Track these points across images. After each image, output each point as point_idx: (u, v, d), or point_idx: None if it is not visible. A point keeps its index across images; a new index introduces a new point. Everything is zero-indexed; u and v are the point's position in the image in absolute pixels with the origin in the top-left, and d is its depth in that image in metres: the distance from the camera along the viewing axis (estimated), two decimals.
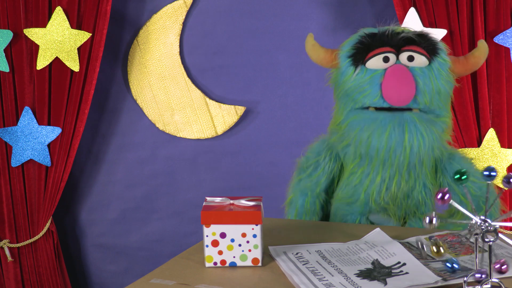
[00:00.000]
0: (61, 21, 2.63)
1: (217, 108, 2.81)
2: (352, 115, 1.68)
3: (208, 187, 2.88)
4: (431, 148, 1.63)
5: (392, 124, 1.60)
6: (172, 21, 2.79)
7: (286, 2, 2.76)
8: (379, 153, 1.62)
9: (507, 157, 2.50)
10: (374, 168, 1.68)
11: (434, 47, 1.68)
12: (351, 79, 1.67)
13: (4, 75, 2.71)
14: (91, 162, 2.93)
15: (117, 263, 2.98)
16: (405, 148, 1.60)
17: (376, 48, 1.66)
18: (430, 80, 1.63)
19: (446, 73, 1.67)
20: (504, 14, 2.48)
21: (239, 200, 1.41)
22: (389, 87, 1.61)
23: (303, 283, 1.24)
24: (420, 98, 1.63)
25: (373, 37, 1.68)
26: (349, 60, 1.69)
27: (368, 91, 1.64)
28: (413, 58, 1.64)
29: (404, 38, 1.66)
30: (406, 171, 1.66)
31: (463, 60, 1.72)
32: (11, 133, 2.72)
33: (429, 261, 1.33)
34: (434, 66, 1.65)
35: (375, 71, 1.65)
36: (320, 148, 1.82)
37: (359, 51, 1.68)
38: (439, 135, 1.66)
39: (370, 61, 1.66)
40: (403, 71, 1.62)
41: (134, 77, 2.84)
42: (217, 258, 1.35)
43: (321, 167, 1.80)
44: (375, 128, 1.62)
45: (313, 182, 1.81)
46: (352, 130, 1.67)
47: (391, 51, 1.65)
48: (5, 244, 2.79)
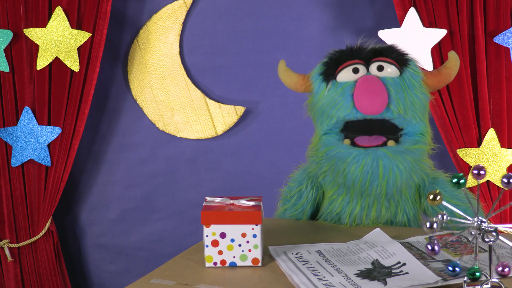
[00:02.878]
0: (61, 21, 2.63)
1: (217, 108, 2.81)
2: (328, 145, 1.67)
3: (208, 187, 2.88)
4: (409, 177, 1.62)
5: (365, 160, 1.59)
6: (172, 21, 2.79)
7: (286, 2, 2.76)
8: (355, 184, 1.62)
9: (507, 157, 2.50)
10: (353, 197, 1.68)
11: (403, 58, 1.67)
12: (324, 96, 1.68)
13: (4, 75, 2.71)
14: (91, 162, 2.93)
15: (117, 263, 2.98)
16: (381, 181, 1.59)
17: (345, 61, 1.67)
18: (403, 89, 1.62)
19: (419, 83, 1.65)
20: (504, 14, 2.48)
21: (239, 200, 1.41)
22: (361, 96, 1.61)
23: (303, 283, 1.24)
24: (393, 106, 1.61)
25: (342, 52, 1.69)
26: (320, 77, 1.70)
27: (340, 103, 1.64)
28: (383, 68, 1.64)
29: (373, 50, 1.66)
30: (385, 199, 1.66)
31: (435, 72, 1.71)
32: (11, 133, 2.71)
33: (429, 261, 1.33)
34: (405, 76, 1.64)
35: (346, 82, 1.65)
36: (301, 177, 1.82)
37: (329, 67, 1.69)
38: (416, 163, 1.63)
39: (340, 74, 1.66)
40: (374, 80, 1.62)
41: (134, 77, 2.84)
42: (217, 258, 1.35)
43: (304, 196, 1.80)
44: (350, 162, 1.61)
45: (298, 211, 1.80)
46: (328, 160, 1.66)
47: (361, 63, 1.66)
48: (5, 244, 2.79)
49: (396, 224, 1.70)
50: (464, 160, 2.51)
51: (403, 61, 1.66)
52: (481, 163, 2.49)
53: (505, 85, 2.50)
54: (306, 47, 2.75)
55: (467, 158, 2.50)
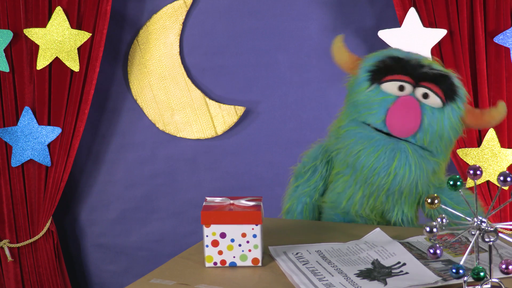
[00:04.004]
0: (61, 21, 2.63)
1: (217, 108, 2.81)
2: (353, 125, 1.67)
3: (208, 187, 2.88)
4: (415, 183, 1.62)
5: (384, 148, 1.59)
6: (172, 21, 2.79)
7: (286, 2, 2.76)
8: (363, 169, 1.62)
9: (507, 157, 2.50)
10: (356, 181, 1.68)
11: (453, 91, 1.63)
12: (363, 93, 1.66)
13: (4, 75, 2.71)
14: (91, 162, 2.93)
15: (117, 263, 2.98)
16: (389, 174, 1.60)
17: (396, 73, 1.63)
18: (437, 122, 1.60)
19: (456, 120, 1.63)
20: (504, 14, 2.48)
21: (239, 200, 1.41)
22: (394, 115, 1.60)
23: (303, 283, 1.24)
24: (420, 135, 1.60)
25: (397, 62, 1.65)
26: (367, 74, 1.67)
27: (374, 111, 1.62)
28: (428, 96, 1.61)
29: (426, 73, 1.62)
30: (385, 194, 1.66)
31: (479, 113, 1.68)
32: (11, 133, 2.71)
33: (429, 261, 1.33)
34: (446, 110, 1.61)
35: (388, 95, 1.62)
36: (317, 152, 1.82)
37: (379, 70, 1.66)
38: (427, 173, 1.63)
39: (386, 84, 1.63)
40: (413, 104, 1.60)
41: (134, 77, 2.84)
42: (217, 258, 1.35)
43: (318, 171, 1.80)
44: (367, 146, 1.61)
45: (311, 188, 1.80)
46: (347, 138, 1.67)
47: (409, 82, 1.62)
48: (5, 244, 2.79)
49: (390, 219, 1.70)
50: (464, 160, 2.51)
51: (451, 94, 1.62)
52: (481, 163, 2.49)
53: (505, 85, 2.50)
54: (306, 47, 2.75)
55: (467, 158, 2.50)
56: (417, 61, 1.65)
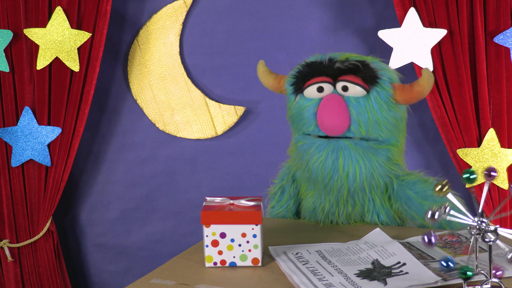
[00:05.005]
0: (61, 21, 2.63)
1: (217, 108, 2.81)
2: (298, 140, 1.70)
3: (208, 187, 2.88)
4: (370, 175, 1.62)
5: (326, 151, 1.60)
6: (172, 21, 2.79)
7: (286, 2, 2.76)
8: (318, 178, 1.63)
9: (507, 157, 2.49)
10: (320, 193, 1.69)
11: (372, 76, 1.63)
12: (293, 107, 1.70)
13: (4, 75, 2.71)
14: (91, 162, 2.93)
15: (117, 263, 2.98)
16: (341, 175, 1.60)
17: (312, 77, 1.65)
18: (366, 109, 1.60)
19: (386, 102, 1.62)
20: (504, 14, 2.47)
21: (239, 200, 1.41)
22: (323, 116, 1.61)
23: (303, 283, 1.24)
24: (354, 128, 1.60)
25: (310, 66, 1.68)
26: (290, 88, 1.71)
27: (305, 119, 1.65)
28: (347, 88, 1.62)
29: (340, 69, 1.63)
30: (349, 196, 1.66)
31: (408, 88, 1.66)
32: (11, 133, 2.71)
33: (429, 261, 1.33)
34: (371, 95, 1.62)
35: (311, 100, 1.65)
36: (283, 173, 1.85)
37: (298, 80, 1.69)
38: (380, 162, 1.63)
39: (307, 90, 1.66)
40: (337, 100, 1.61)
41: (134, 77, 2.84)
42: (217, 258, 1.36)
43: (287, 191, 1.82)
44: (313, 153, 1.63)
45: (283, 208, 1.82)
46: (297, 154, 1.69)
47: (328, 81, 1.64)
48: (5, 244, 2.79)
49: (369, 223, 1.70)
50: (464, 160, 2.51)
51: (371, 79, 1.62)
52: (481, 163, 2.49)
53: (505, 85, 2.50)
54: (306, 47, 2.75)
55: (467, 158, 2.50)
56: (330, 59, 1.66)
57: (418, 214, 1.66)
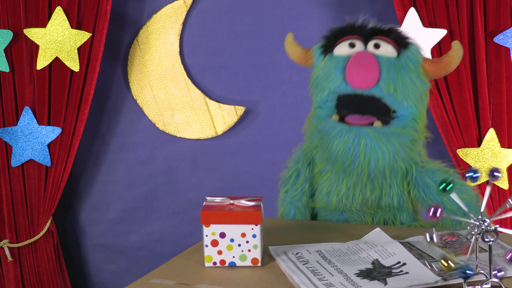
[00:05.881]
0: (61, 21, 2.63)
1: (217, 108, 2.81)
2: (319, 119, 1.69)
3: (208, 187, 2.88)
4: (393, 160, 1.61)
5: (347, 137, 1.60)
6: (172, 21, 2.79)
7: (286, 2, 2.76)
8: (338, 160, 1.63)
9: (507, 157, 2.49)
10: (338, 175, 1.68)
11: (404, 40, 1.65)
12: (320, 67, 1.69)
13: (4, 75, 2.71)
14: (91, 162, 2.93)
15: (117, 263, 2.98)
16: (362, 161, 1.60)
17: (344, 36, 1.68)
18: (396, 69, 1.61)
19: (415, 67, 1.63)
20: (504, 14, 2.47)
21: (239, 200, 1.41)
22: (352, 70, 1.61)
23: (303, 283, 1.24)
24: (383, 83, 1.60)
25: (342, 27, 1.71)
26: (320, 50, 1.72)
27: (332, 75, 1.65)
28: (380, 46, 1.63)
29: (373, 28, 1.66)
30: (369, 180, 1.65)
31: (436, 60, 1.68)
32: (11, 133, 2.71)
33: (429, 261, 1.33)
34: (402, 58, 1.63)
35: (341, 56, 1.66)
36: (298, 156, 1.83)
37: (329, 41, 1.70)
38: (403, 147, 1.62)
39: (337, 48, 1.67)
40: (368, 56, 1.62)
41: (134, 77, 2.84)
42: (216, 258, 1.35)
43: (302, 174, 1.81)
44: (333, 137, 1.62)
45: (298, 191, 1.81)
46: (316, 135, 1.69)
47: (359, 39, 1.66)
48: (5, 244, 2.79)
49: (385, 207, 1.69)
50: (464, 160, 2.51)
51: (403, 44, 1.64)
52: (481, 163, 2.49)
53: (505, 85, 2.50)
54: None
55: (467, 158, 2.50)
56: (362, 23, 1.69)
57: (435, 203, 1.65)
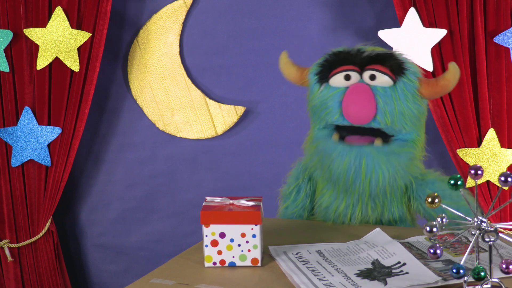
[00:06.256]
0: (61, 21, 2.63)
1: (217, 108, 2.81)
2: (318, 139, 1.68)
3: (208, 187, 2.88)
4: (393, 180, 1.61)
5: (348, 157, 1.59)
6: (172, 21, 2.79)
7: (286, 2, 2.76)
8: (339, 180, 1.62)
9: (507, 157, 2.49)
10: (339, 193, 1.68)
11: (400, 67, 1.62)
12: (316, 97, 1.68)
13: (4, 75, 2.71)
14: (91, 162, 2.93)
15: (117, 263, 2.98)
16: (363, 180, 1.59)
17: (339, 66, 1.65)
18: (393, 99, 1.60)
19: (412, 93, 1.62)
20: (504, 14, 2.47)
21: (239, 200, 1.41)
22: (349, 104, 1.60)
23: (303, 283, 1.24)
24: (380, 117, 1.59)
25: (338, 55, 1.67)
26: (315, 77, 1.69)
27: (330, 108, 1.63)
28: (375, 77, 1.61)
29: (368, 56, 1.63)
30: (370, 199, 1.65)
31: (433, 82, 1.66)
32: (11, 133, 2.71)
33: (429, 261, 1.33)
34: (398, 86, 1.61)
35: (337, 88, 1.63)
36: (298, 171, 1.82)
37: (324, 69, 1.67)
38: (403, 165, 1.62)
39: (333, 78, 1.65)
40: (364, 89, 1.60)
41: (134, 77, 2.84)
42: (216, 258, 1.35)
43: (302, 190, 1.80)
44: (334, 158, 1.61)
45: (299, 207, 1.81)
46: (316, 154, 1.68)
47: (354, 69, 1.63)
48: (5, 244, 2.79)
49: (382, 223, 1.69)
50: (464, 160, 2.51)
51: (399, 70, 1.62)
52: (481, 163, 2.49)
53: (505, 85, 2.50)
54: (306, 47, 2.75)
55: (467, 158, 2.50)
56: (358, 50, 1.66)
57: (437, 213, 1.65)
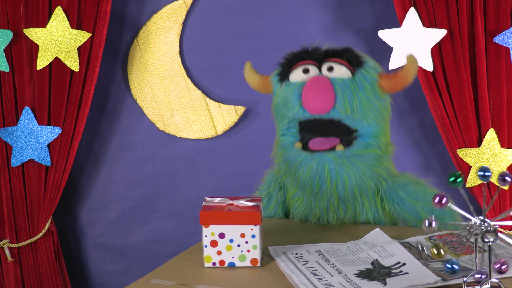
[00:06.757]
0: (61, 21, 2.63)
1: (217, 108, 2.81)
2: (283, 147, 1.69)
3: (208, 187, 2.88)
4: (361, 181, 1.61)
5: (311, 165, 1.60)
6: (172, 21, 2.79)
7: (286, 2, 2.76)
8: (306, 187, 1.63)
9: (507, 157, 2.49)
10: (310, 200, 1.69)
11: (357, 60, 1.64)
12: (278, 96, 1.69)
13: (4, 75, 2.71)
14: (91, 162, 2.93)
15: (117, 263, 2.98)
16: (329, 186, 1.60)
17: (297, 62, 1.67)
18: (351, 89, 1.61)
19: (371, 85, 1.63)
20: (504, 14, 2.47)
21: (239, 201, 1.41)
22: (307, 96, 1.61)
23: (302, 283, 1.24)
24: (339, 106, 1.60)
25: (296, 53, 1.70)
26: (277, 78, 1.71)
27: (290, 103, 1.65)
28: (333, 69, 1.63)
29: (326, 51, 1.66)
30: (340, 202, 1.66)
31: (392, 75, 1.66)
32: (11, 133, 2.72)
33: (429, 261, 1.33)
34: (357, 77, 1.62)
35: (296, 83, 1.65)
36: (269, 180, 1.84)
37: (284, 68, 1.70)
38: (368, 166, 1.62)
39: (292, 74, 1.66)
40: (322, 80, 1.61)
41: (134, 77, 2.84)
42: (216, 258, 1.35)
43: (273, 198, 1.82)
44: (299, 165, 1.62)
45: (271, 214, 1.82)
46: (284, 162, 1.69)
47: (313, 64, 1.65)
48: (5, 244, 2.79)
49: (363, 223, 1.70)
50: (464, 160, 2.51)
51: (357, 63, 1.64)
52: (481, 163, 2.49)
53: (505, 85, 2.50)
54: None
55: (467, 158, 2.50)
56: (315, 47, 1.69)
57: (411, 215, 1.66)
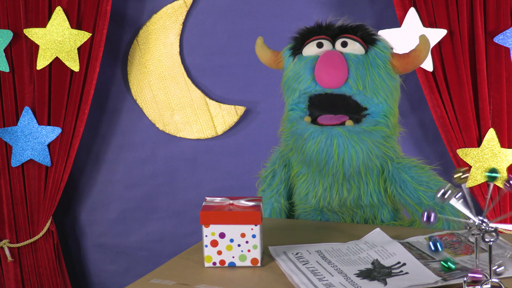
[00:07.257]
0: (61, 21, 2.63)
1: (217, 108, 2.81)
2: (291, 122, 1.70)
3: (208, 187, 2.88)
4: (367, 158, 1.61)
5: (319, 138, 1.60)
6: (172, 21, 2.79)
7: (286, 2, 2.76)
8: (313, 162, 1.63)
9: (507, 157, 2.49)
10: (314, 177, 1.69)
11: (371, 37, 1.66)
12: (290, 69, 1.71)
13: (4, 75, 2.71)
14: (91, 162, 2.93)
15: (117, 263, 2.98)
16: (336, 161, 1.60)
17: (312, 36, 1.69)
18: (364, 66, 1.62)
19: (384, 63, 1.64)
20: (504, 14, 2.47)
21: (239, 200, 1.41)
22: (320, 69, 1.62)
23: (303, 283, 1.24)
24: (352, 81, 1.60)
25: (310, 28, 1.72)
26: (289, 52, 1.73)
27: (302, 76, 1.66)
28: (347, 44, 1.64)
29: (340, 27, 1.67)
30: (345, 180, 1.65)
31: (404, 54, 1.68)
32: (11, 133, 2.71)
33: (429, 261, 1.33)
34: (370, 54, 1.64)
35: (309, 56, 1.66)
36: (275, 157, 1.85)
37: (297, 42, 1.72)
38: (376, 144, 1.62)
39: (305, 48, 1.68)
40: (335, 54, 1.62)
41: (134, 77, 2.84)
42: (216, 258, 1.35)
43: (277, 175, 1.83)
44: (306, 139, 1.62)
45: (274, 192, 1.83)
46: (290, 138, 1.69)
47: (326, 39, 1.67)
48: (5, 244, 2.79)
49: (364, 206, 1.69)
50: (464, 160, 2.51)
51: (370, 40, 1.65)
52: (481, 163, 2.49)
53: (505, 85, 2.50)
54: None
55: (467, 158, 2.50)
56: (329, 23, 1.71)
57: (412, 199, 1.65)
